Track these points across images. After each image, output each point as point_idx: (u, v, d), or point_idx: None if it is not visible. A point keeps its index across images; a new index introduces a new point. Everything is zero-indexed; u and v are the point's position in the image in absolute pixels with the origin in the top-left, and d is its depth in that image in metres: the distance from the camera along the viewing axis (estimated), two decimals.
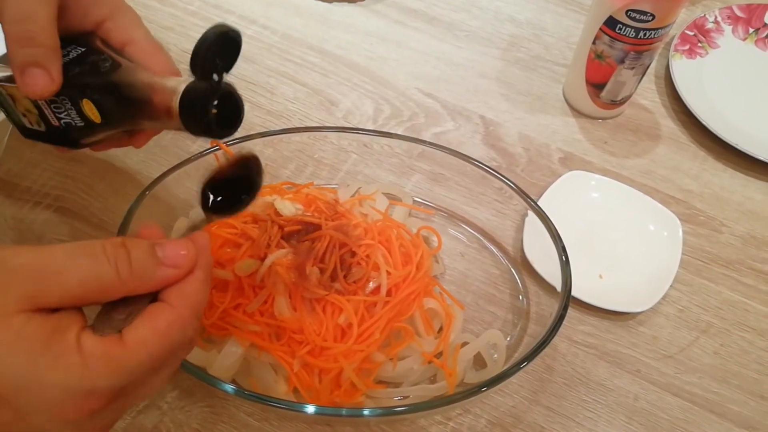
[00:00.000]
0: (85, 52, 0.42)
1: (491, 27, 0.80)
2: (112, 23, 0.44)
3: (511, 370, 0.45)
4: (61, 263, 0.29)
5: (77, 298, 0.29)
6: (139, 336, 0.30)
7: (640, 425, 0.51)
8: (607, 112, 0.70)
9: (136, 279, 0.31)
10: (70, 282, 0.29)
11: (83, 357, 0.28)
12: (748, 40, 0.78)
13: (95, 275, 0.29)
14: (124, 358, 0.29)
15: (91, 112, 0.41)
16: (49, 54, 0.38)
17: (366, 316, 0.48)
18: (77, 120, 0.42)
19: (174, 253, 0.32)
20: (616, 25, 0.61)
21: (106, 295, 0.30)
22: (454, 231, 0.60)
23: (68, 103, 0.42)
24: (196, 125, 0.39)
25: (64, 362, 0.28)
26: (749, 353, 0.55)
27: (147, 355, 0.30)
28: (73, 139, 0.44)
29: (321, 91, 0.71)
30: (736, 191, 0.66)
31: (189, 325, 0.32)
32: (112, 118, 0.42)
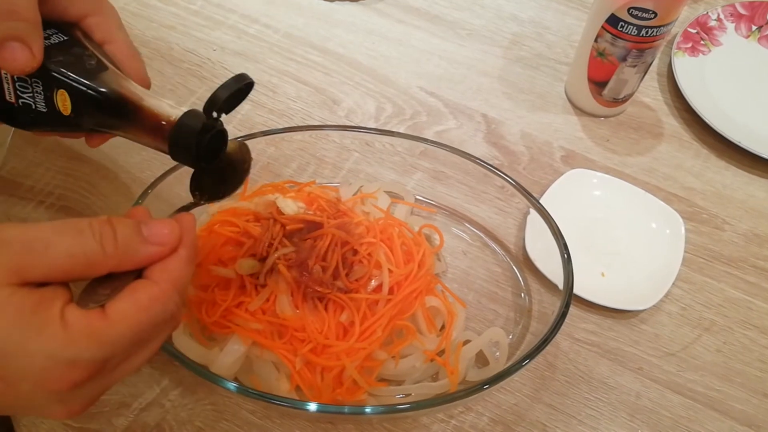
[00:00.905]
0: (68, 42, 0.42)
1: (493, 25, 0.80)
2: (95, 19, 0.43)
3: (513, 368, 0.45)
4: (48, 238, 0.30)
5: (63, 273, 0.30)
6: (121, 309, 0.31)
7: (642, 423, 0.51)
8: (610, 110, 0.70)
9: (120, 255, 0.31)
10: (56, 256, 0.30)
11: (66, 328, 0.29)
12: (751, 38, 0.78)
13: (81, 250, 0.30)
14: (107, 331, 0.30)
15: (63, 104, 0.40)
16: (30, 29, 0.38)
17: (368, 314, 0.48)
18: (41, 105, 0.41)
19: (159, 231, 0.33)
20: (618, 22, 0.61)
21: (92, 271, 0.31)
22: (456, 229, 0.60)
23: (39, 86, 0.41)
24: (183, 155, 0.39)
25: (47, 332, 0.29)
26: (752, 351, 0.55)
27: (128, 328, 0.31)
28: (23, 120, 0.43)
29: (323, 90, 0.71)
30: (739, 189, 0.66)
31: (171, 300, 0.32)
32: (85, 118, 0.41)
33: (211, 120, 0.38)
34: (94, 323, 0.30)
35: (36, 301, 0.29)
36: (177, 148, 0.39)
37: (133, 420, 0.49)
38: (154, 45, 0.73)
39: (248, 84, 0.37)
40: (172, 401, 0.50)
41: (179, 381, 0.51)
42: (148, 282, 0.32)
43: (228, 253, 0.51)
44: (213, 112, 0.37)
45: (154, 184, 0.52)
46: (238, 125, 0.67)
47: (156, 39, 0.74)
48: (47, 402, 0.30)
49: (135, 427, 0.49)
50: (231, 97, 0.37)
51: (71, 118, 0.41)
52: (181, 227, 0.34)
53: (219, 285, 0.50)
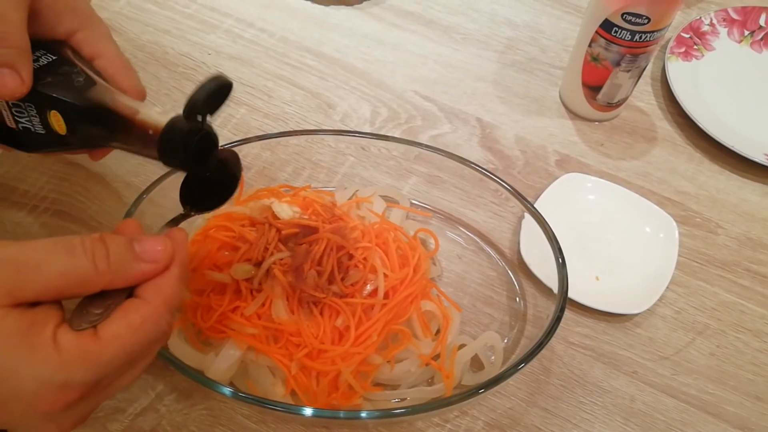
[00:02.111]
0: (56, 61, 0.42)
1: (488, 30, 0.80)
2: (83, 34, 0.43)
3: (508, 372, 0.45)
4: (40, 257, 0.30)
5: (55, 292, 0.30)
6: (113, 331, 0.30)
7: (636, 426, 0.51)
8: (604, 115, 0.71)
9: (113, 273, 0.31)
10: (48, 276, 0.30)
11: (59, 351, 0.29)
12: (744, 43, 0.79)
13: (73, 269, 0.30)
14: (99, 353, 0.30)
15: (58, 124, 0.41)
16: (19, 55, 0.38)
17: (363, 319, 0.48)
18: (39, 128, 0.42)
19: (151, 248, 0.33)
20: (612, 28, 0.61)
21: (84, 289, 0.31)
22: (451, 233, 0.60)
23: (33, 110, 0.41)
24: (173, 159, 0.39)
25: (40, 356, 0.29)
26: (745, 354, 0.56)
27: (121, 349, 0.30)
28: (27, 144, 0.44)
29: (318, 94, 0.72)
30: (732, 193, 0.66)
31: (163, 319, 0.32)
32: (80, 135, 0.41)
33: (196, 123, 0.38)
34: (87, 346, 0.30)
35: (29, 324, 0.29)
36: (166, 153, 0.39)
37: (129, 425, 0.49)
38: (150, 49, 0.73)
39: (225, 85, 0.37)
40: (167, 406, 0.50)
41: (174, 386, 0.51)
42: (140, 302, 0.32)
43: (223, 257, 0.51)
44: (196, 116, 0.37)
45: (149, 189, 0.52)
46: (233, 129, 0.67)
47: (151, 43, 0.74)
48: (39, 422, 0.30)
49: None
50: (209, 98, 0.36)
51: (68, 137, 0.41)
52: (173, 243, 0.34)
53: (214, 290, 0.50)
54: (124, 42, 0.74)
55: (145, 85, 0.69)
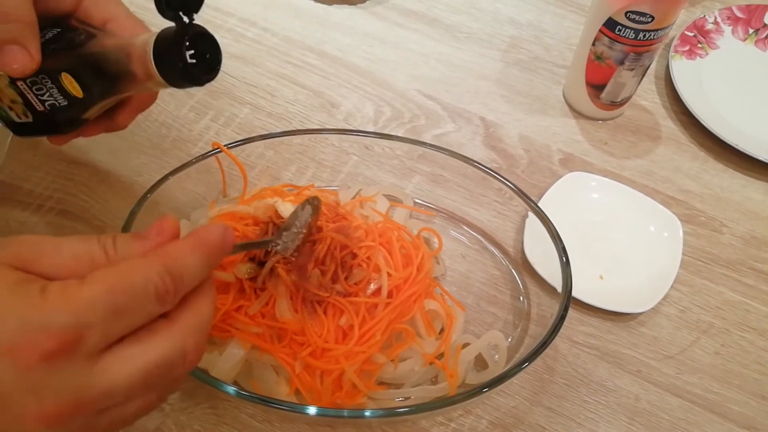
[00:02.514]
0: (61, 32, 0.43)
1: (491, 28, 0.80)
2: (91, 1, 0.44)
3: (512, 371, 0.45)
4: (59, 242, 0.31)
5: (67, 271, 0.30)
6: (98, 273, 0.29)
7: (641, 426, 0.51)
8: (607, 113, 0.71)
9: (120, 257, 0.31)
10: (63, 255, 0.30)
11: (43, 295, 0.28)
12: (748, 41, 0.79)
13: (87, 251, 0.31)
14: (80, 292, 0.28)
15: (72, 87, 0.41)
16: (25, 30, 0.38)
17: (367, 318, 0.48)
18: (60, 99, 0.43)
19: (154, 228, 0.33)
20: (616, 26, 0.61)
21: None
22: (454, 232, 0.60)
23: (48, 81, 0.42)
24: (174, 72, 0.38)
25: (24, 298, 0.28)
26: (750, 353, 0.55)
27: (102, 290, 0.28)
28: (60, 122, 0.45)
29: (321, 94, 0.72)
30: (737, 191, 0.66)
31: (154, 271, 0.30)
32: (94, 90, 0.42)
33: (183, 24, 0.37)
34: (70, 287, 0.28)
35: (24, 279, 0.29)
36: (164, 67, 0.38)
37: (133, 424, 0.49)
38: None
39: None
40: (171, 405, 0.50)
41: None
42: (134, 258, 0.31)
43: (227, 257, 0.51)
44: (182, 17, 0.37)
45: (153, 188, 0.52)
46: (237, 129, 0.67)
47: None
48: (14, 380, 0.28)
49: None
50: None
51: (86, 98, 0.42)
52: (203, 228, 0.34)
53: (218, 289, 0.50)
54: None
55: None
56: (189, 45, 0.38)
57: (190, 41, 0.38)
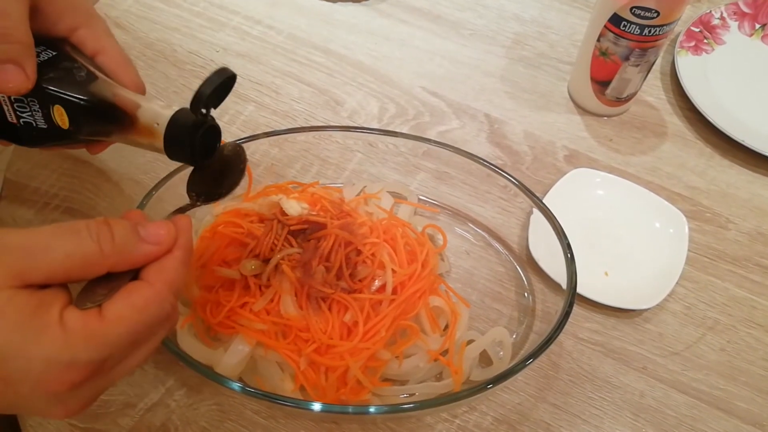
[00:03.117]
0: (57, 56, 0.42)
1: (496, 25, 0.80)
2: (85, 31, 0.44)
3: (516, 367, 0.45)
4: (47, 241, 0.31)
5: (62, 274, 0.31)
6: (117, 310, 0.31)
7: (646, 422, 0.51)
8: (613, 110, 0.70)
9: (117, 254, 0.32)
10: (55, 258, 0.30)
11: (65, 331, 0.30)
12: (755, 36, 0.78)
13: (79, 250, 0.31)
14: (103, 332, 0.30)
15: (60, 119, 0.41)
16: (24, 51, 0.39)
17: (372, 315, 0.48)
18: (41, 122, 0.42)
19: (155, 231, 0.34)
20: (621, 22, 0.61)
21: (90, 271, 0.32)
22: (459, 229, 0.60)
23: (36, 105, 0.41)
24: (179, 153, 0.40)
25: (47, 336, 0.29)
26: (756, 350, 0.55)
27: (125, 328, 0.31)
28: (28, 138, 0.44)
29: (326, 91, 0.72)
30: (743, 188, 0.66)
31: (166, 300, 0.33)
32: (83, 129, 0.42)
33: (201, 116, 0.38)
34: (91, 324, 0.30)
35: (36, 304, 0.30)
36: (172, 147, 0.39)
37: (139, 420, 0.49)
38: (158, 47, 0.74)
39: (230, 77, 0.37)
40: (177, 401, 0.50)
41: (184, 381, 0.51)
42: (143, 283, 0.33)
43: (232, 253, 0.51)
44: (201, 109, 0.38)
45: (158, 185, 0.52)
46: (242, 126, 0.68)
47: (159, 41, 0.74)
48: (46, 403, 0.31)
49: (140, 427, 0.49)
50: (215, 92, 0.37)
51: (71, 131, 0.42)
52: (176, 228, 0.35)
53: (223, 286, 0.50)
54: (132, 40, 0.74)
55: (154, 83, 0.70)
56: (201, 136, 0.39)
57: (203, 133, 0.40)
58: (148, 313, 0.32)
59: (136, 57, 0.73)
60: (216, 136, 0.41)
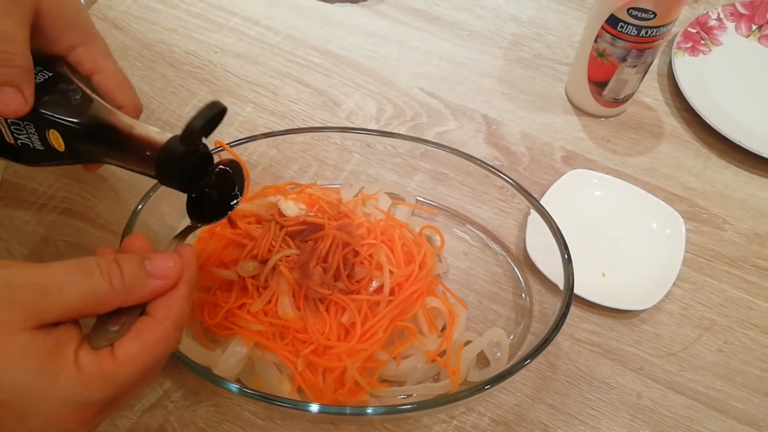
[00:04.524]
0: (53, 78, 0.42)
1: (493, 26, 0.80)
2: (83, 50, 0.44)
3: (514, 368, 0.45)
4: (61, 280, 0.32)
5: (76, 312, 0.32)
6: (129, 352, 0.33)
7: (643, 423, 0.51)
8: (610, 111, 0.70)
9: (127, 291, 0.33)
10: (69, 297, 0.32)
11: (80, 372, 0.31)
12: (752, 37, 0.78)
13: (91, 289, 0.32)
14: (116, 373, 0.32)
15: (56, 142, 0.42)
16: (23, 75, 0.39)
17: (369, 315, 0.48)
18: (37, 144, 0.42)
19: (162, 265, 0.35)
20: (618, 23, 0.61)
21: (102, 308, 0.33)
22: (457, 230, 0.60)
23: (32, 128, 0.42)
24: (170, 180, 0.40)
25: (63, 378, 0.31)
26: (753, 350, 0.55)
27: (136, 368, 0.33)
28: (25, 158, 0.45)
29: (324, 92, 0.72)
30: (740, 188, 0.66)
31: (173, 338, 0.35)
32: (78, 152, 0.42)
33: (192, 146, 0.39)
34: (105, 366, 0.32)
35: (53, 346, 0.31)
36: (163, 175, 0.40)
37: (136, 421, 0.49)
38: (156, 48, 0.74)
39: (221, 111, 0.38)
40: (174, 403, 0.50)
41: (182, 383, 0.51)
42: (152, 322, 0.34)
43: (230, 255, 0.51)
44: (192, 141, 0.38)
45: (155, 187, 0.52)
46: (240, 127, 0.68)
47: (158, 42, 0.74)
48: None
49: (138, 429, 0.49)
50: (206, 124, 0.37)
51: (66, 153, 0.42)
52: (182, 260, 0.36)
53: (221, 287, 0.50)
54: (130, 41, 0.74)
55: (151, 84, 0.70)
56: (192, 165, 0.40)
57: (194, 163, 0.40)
58: (158, 351, 0.34)
59: (134, 58, 0.73)
60: (207, 164, 0.42)
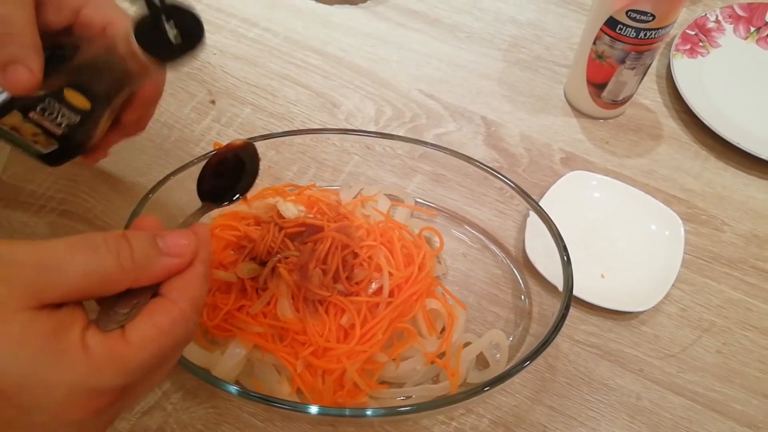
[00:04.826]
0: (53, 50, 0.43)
1: (492, 28, 0.80)
2: (90, 8, 0.44)
3: (513, 369, 0.45)
4: (63, 257, 0.28)
5: (80, 292, 0.29)
6: (142, 333, 0.29)
7: (642, 424, 0.51)
8: (609, 112, 0.71)
9: (138, 269, 0.30)
10: (72, 275, 0.28)
11: (88, 355, 0.28)
12: (750, 39, 0.78)
13: (98, 267, 0.29)
14: (129, 357, 0.29)
15: (78, 101, 0.42)
16: (26, 50, 0.39)
17: (368, 317, 0.48)
18: (73, 116, 0.43)
19: (175, 242, 0.32)
20: (617, 25, 0.61)
21: (109, 287, 0.30)
22: (456, 231, 0.60)
23: (55, 102, 0.42)
24: (161, 49, 0.39)
25: (68, 361, 0.27)
26: (752, 352, 0.55)
27: (150, 352, 0.29)
28: (82, 139, 0.45)
29: (323, 94, 0.72)
30: (738, 190, 0.66)
31: (190, 320, 0.31)
32: (98, 96, 0.43)
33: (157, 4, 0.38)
34: (116, 349, 0.29)
35: (55, 327, 0.28)
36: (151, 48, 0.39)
37: (135, 423, 0.49)
38: None
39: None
40: (173, 404, 0.50)
41: (181, 384, 0.51)
42: (167, 302, 0.31)
43: (229, 256, 0.51)
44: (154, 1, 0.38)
45: (155, 188, 0.52)
46: (239, 129, 0.68)
47: None
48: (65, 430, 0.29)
49: (137, 431, 0.49)
50: None
51: (94, 108, 0.43)
52: (197, 238, 0.33)
53: (220, 289, 0.50)
54: None
55: None
56: (166, 17, 0.39)
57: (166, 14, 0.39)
58: (174, 334, 0.30)
59: None
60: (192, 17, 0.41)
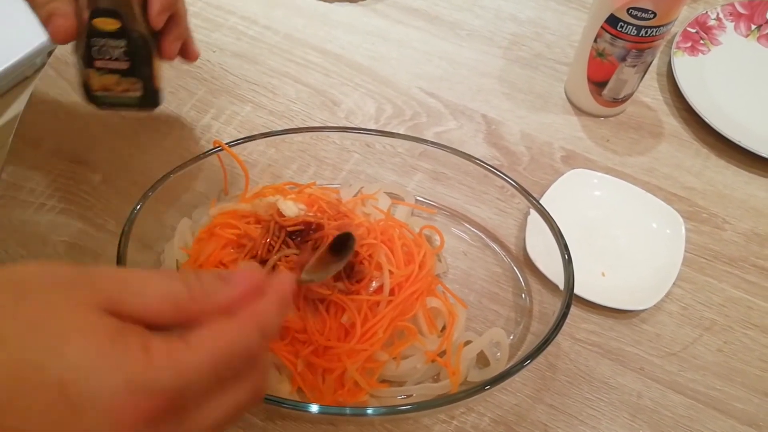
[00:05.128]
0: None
1: (493, 26, 0.80)
2: None
3: (514, 368, 0.45)
4: (143, 279, 0.30)
5: (153, 313, 0.30)
6: (200, 336, 0.30)
7: (643, 423, 0.51)
8: (609, 110, 0.70)
9: (205, 297, 0.31)
10: (150, 295, 0.30)
11: (148, 352, 0.28)
12: (751, 37, 0.78)
13: (170, 291, 0.30)
14: (185, 357, 0.29)
15: (108, 24, 0.48)
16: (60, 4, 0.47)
17: (369, 316, 0.48)
18: (120, 45, 0.49)
19: (241, 274, 0.33)
20: (618, 23, 0.61)
21: (179, 315, 0.30)
22: (456, 230, 0.60)
23: (99, 40, 0.49)
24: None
25: (128, 355, 0.27)
26: (753, 350, 0.55)
27: (206, 355, 0.29)
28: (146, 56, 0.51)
29: (323, 91, 0.71)
30: (739, 188, 0.66)
31: (250, 336, 0.31)
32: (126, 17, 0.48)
33: None
34: (175, 346, 0.29)
35: (122, 327, 0.28)
36: None
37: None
38: None
39: None
40: None
41: None
42: (232, 317, 0.31)
43: (229, 255, 0.51)
44: None
45: (154, 186, 0.52)
46: (238, 127, 0.67)
47: None
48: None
49: None
50: None
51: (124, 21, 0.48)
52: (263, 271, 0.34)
53: None
54: None
55: None
56: None
57: None
58: (231, 344, 0.30)
59: None
60: None
